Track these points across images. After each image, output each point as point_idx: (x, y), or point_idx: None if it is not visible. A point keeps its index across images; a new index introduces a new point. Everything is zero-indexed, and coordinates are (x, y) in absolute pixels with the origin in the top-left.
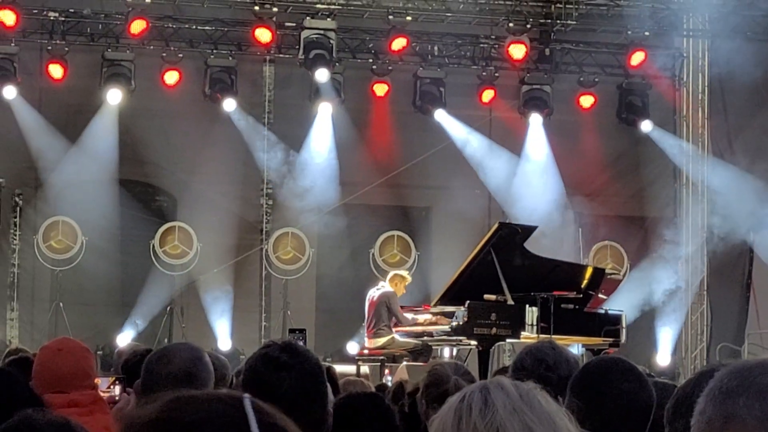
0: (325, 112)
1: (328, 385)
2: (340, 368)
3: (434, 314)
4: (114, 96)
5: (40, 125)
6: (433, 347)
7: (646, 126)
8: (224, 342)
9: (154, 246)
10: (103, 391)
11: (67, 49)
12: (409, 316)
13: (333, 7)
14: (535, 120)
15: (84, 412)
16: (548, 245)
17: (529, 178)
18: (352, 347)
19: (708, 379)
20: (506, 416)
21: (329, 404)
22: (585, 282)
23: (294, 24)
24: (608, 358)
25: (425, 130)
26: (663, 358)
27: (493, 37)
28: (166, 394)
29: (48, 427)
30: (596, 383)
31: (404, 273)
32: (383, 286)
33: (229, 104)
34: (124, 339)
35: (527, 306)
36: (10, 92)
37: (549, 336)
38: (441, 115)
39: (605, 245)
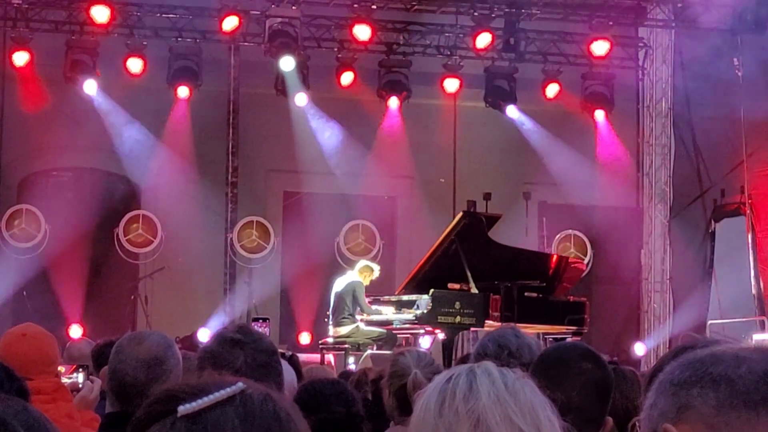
0: (294, 101)
1: (292, 370)
2: (304, 357)
3: (393, 303)
4: (90, 87)
5: (3, 113)
6: (399, 336)
7: (600, 115)
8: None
9: (118, 234)
10: (65, 376)
11: (31, 36)
12: (373, 308)
13: None
14: (512, 110)
15: (47, 399)
16: (512, 234)
17: (494, 167)
18: (304, 337)
19: (687, 351)
20: (489, 405)
21: (293, 391)
22: (549, 270)
23: (258, 12)
24: (566, 343)
25: (390, 119)
26: (640, 347)
27: (458, 26)
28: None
29: (4, 412)
30: (557, 364)
31: (374, 266)
32: (351, 276)
33: (188, 92)
34: (75, 330)
35: (491, 294)
36: None
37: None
38: (407, 104)
39: (569, 234)
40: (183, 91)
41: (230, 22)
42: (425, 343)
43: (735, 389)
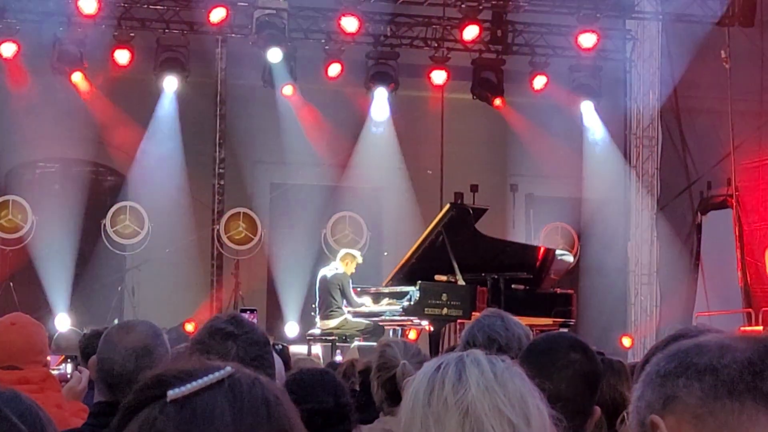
0: (281, 93)
1: (280, 360)
2: (291, 348)
3: (381, 294)
4: (77, 78)
5: None
6: (385, 327)
7: (587, 107)
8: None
9: (105, 225)
10: (54, 367)
11: (18, 27)
12: (360, 300)
13: None
14: (499, 102)
15: (35, 389)
16: (499, 226)
17: (481, 159)
18: (291, 329)
19: (678, 340)
20: (478, 395)
21: (280, 380)
22: (536, 262)
23: (246, 4)
24: (555, 333)
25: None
26: (627, 339)
27: (445, 18)
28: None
29: None
30: (545, 354)
31: (355, 253)
32: (336, 268)
33: (175, 83)
34: (63, 321)
35: (478, 286)
36: None
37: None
38: (392, 96)
39: (556, 226)
40: (170, 83)
41: (218, 14)
42: (412, 335)
43: (719, 379)
